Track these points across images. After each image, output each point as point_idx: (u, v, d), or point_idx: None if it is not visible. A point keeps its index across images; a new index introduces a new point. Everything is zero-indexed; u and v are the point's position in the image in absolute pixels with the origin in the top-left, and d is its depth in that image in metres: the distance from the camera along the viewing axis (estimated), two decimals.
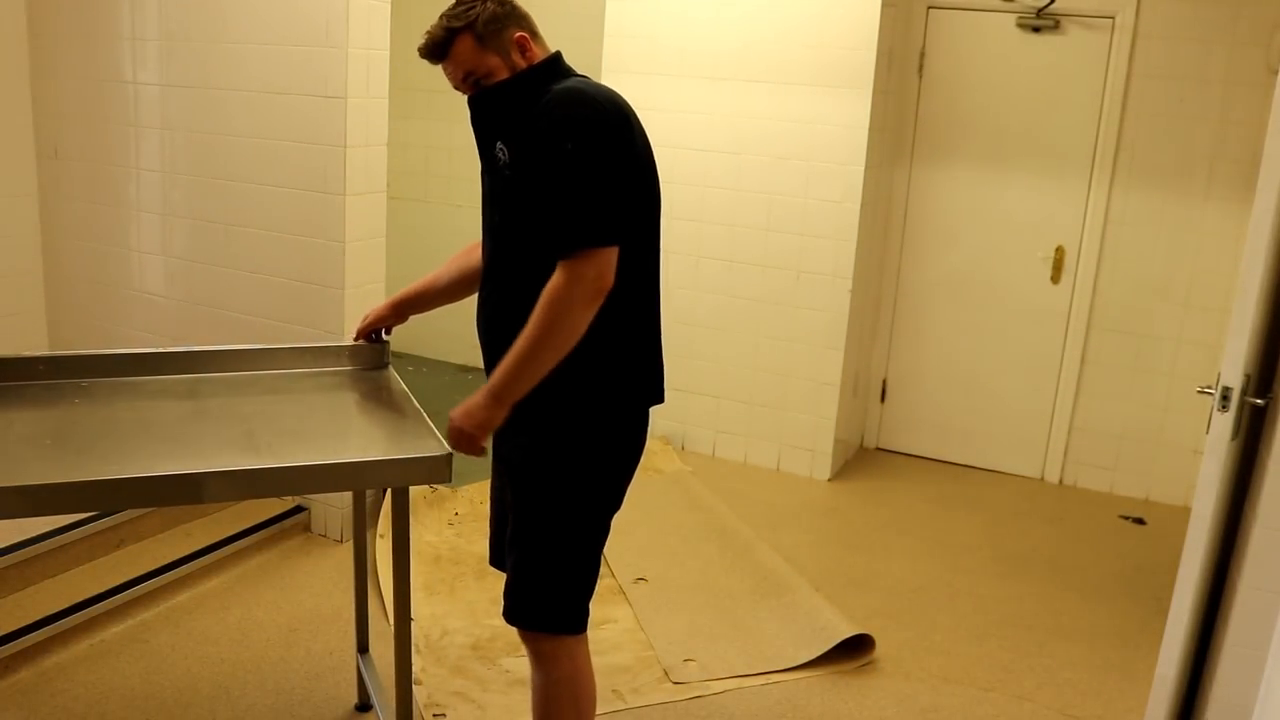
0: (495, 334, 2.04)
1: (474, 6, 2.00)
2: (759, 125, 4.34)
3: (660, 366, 2.12)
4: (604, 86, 1.98)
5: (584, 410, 2.00)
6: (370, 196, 3.40)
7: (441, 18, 2.02)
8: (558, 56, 2.05)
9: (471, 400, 1.95)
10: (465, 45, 1.99)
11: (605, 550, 3.74)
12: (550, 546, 2.05)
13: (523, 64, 2.00)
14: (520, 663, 2.93)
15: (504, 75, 2.00)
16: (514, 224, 2.00)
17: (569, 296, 1.85)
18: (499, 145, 1.99)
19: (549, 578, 2.07)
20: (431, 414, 2.18)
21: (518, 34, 2.00)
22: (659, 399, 2.12)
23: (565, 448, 2.01)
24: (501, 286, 2.04)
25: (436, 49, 2.02)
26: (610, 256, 1.86)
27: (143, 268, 3.79)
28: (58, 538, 3.06)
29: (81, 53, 3.77)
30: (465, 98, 2.07)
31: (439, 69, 2.06)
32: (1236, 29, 4.05)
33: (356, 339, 2.49)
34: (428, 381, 5.41)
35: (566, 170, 1.85)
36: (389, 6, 3.33)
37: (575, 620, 2.10)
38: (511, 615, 2.12)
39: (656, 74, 4.47)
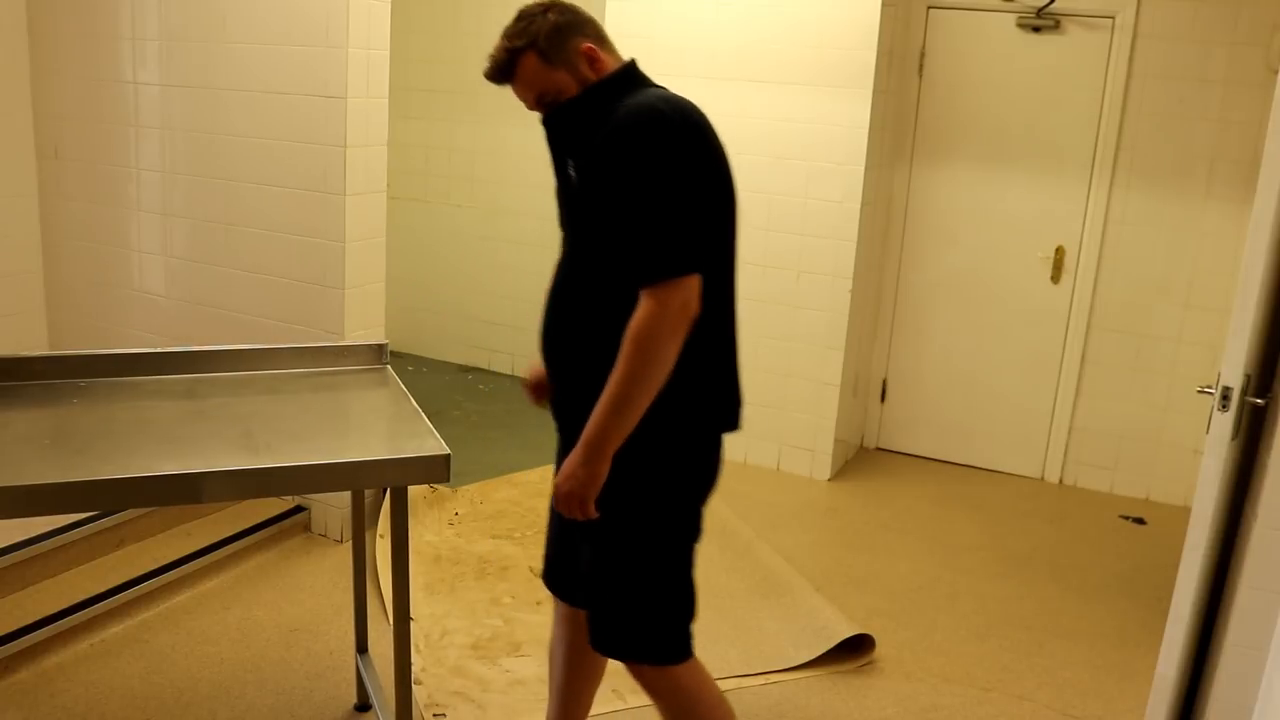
0: (556, 352, 1.98)
1: (534, 21, 1.89)
2: (759, 125, 4.34)
3: (737, 390, 2.00)
4: (678, 98, 1.87)
5: (657, 438, 1.88)
6: (370, 196, 3.40)
7: (502, 37, 1.92)
8: (630, 66, 1.95)
9: (569, 459, 1.85)
10: (530, 65, 1.89)
11: None
12: (632, 578, 1.97)
13: (592, 76, 1.91)
14: (520, 662, 2.93)
15: (574, 91, 1.90)
16: (584, 244, 1.92)
17: (656, 330, 1.75)
18: (570, 164, 1.90)
19: (635, 610, 1.99)
20: (431, 414, 2.18)
21: (584, 45, 1.91)
22: (735, 425, 2.00)
23: (637, 477, 1.90)
24: (568, 304, 1.95)
25: (501, 72, 1.92)
26: (694, 284, 1.77)
27: (143, 268, 3.79)
28: (58, 538, 3.06)
29: (81, 53, 3.77)
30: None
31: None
32: (1236, 29, 4.05)
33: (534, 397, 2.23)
34: (428, 381, 5.41)
35: (642, 194, 1.76)
36: (389, 6, 3.33)
37: (672, 649, 2.01)
38: (600, 645, 2.04)
39: (656, 74, 4.40)
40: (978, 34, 4.45)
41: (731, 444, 5.13)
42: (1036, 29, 4.35)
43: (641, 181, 1.76)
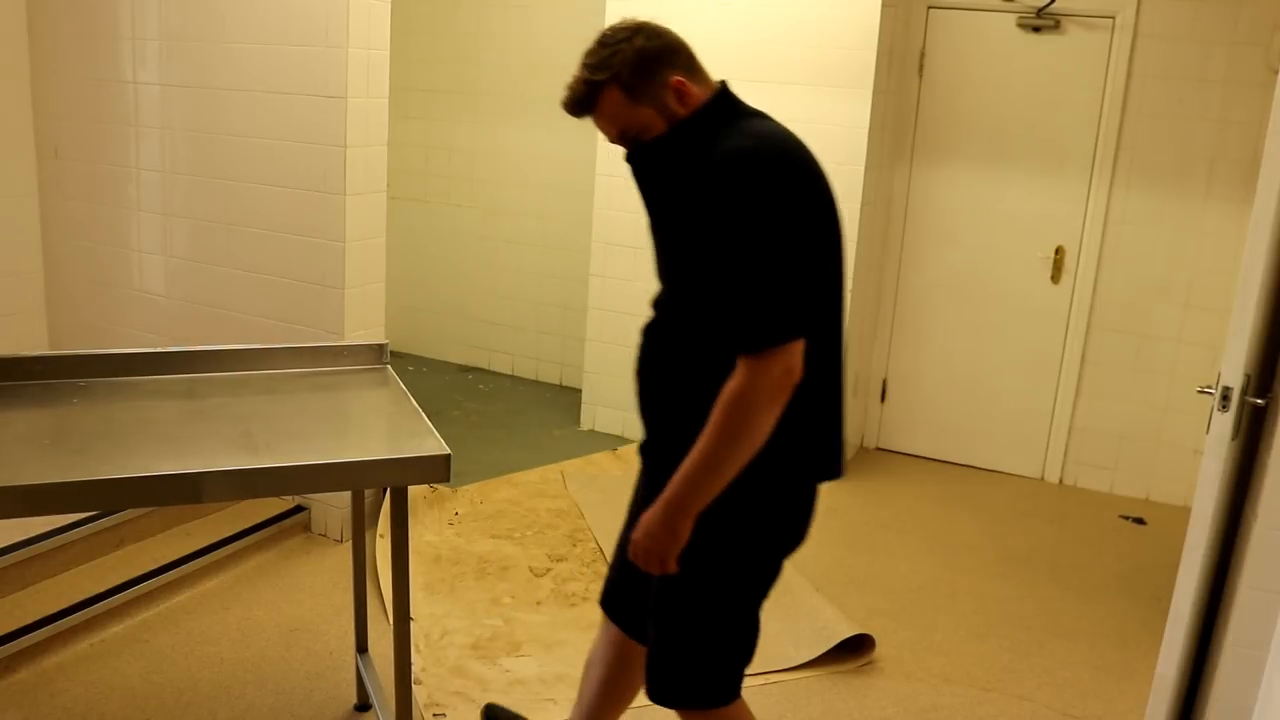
0: (646, 391, 1.89)
1: (617, 50, 1.72)
2: None
3: (840, 439, 1.88)
4: (776, 130, 1.73)
5: (749, 491, 1.75)
6: (370, 196, 3.40)
7: (582, 65, 1.76)
8: (722, 94, 1.79)
9: (650, 515, 1.75)
10: (612, 99, 1.73)
11: (605, 550, 3.75)
12: (700, 622, 1.87)
13: (682, 112, 1.74)
14: (520, 663, 2.93)
15: (661, 128, 1.74)
16: (680, 290, 1.81)
17: (753, 400, 1.63)
18: (662, 205, 1.78)
19: (699, 653, 1.89)
20: (431, 414, 2.18)
21: (673, 78, 1.73)
22: (836, 474, 1.89)
23: (726, 527, 1.79)
24: (662, 345, 1.85)
25: (579, 104, 1.77)
26: (798, 350, 1.63)
27: (143, 267, 3.79)
28: (58, 538, 3.06)
29: (81, 53, 3.77)
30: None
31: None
32: (1236, 29, 4.05)
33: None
34: (427, 381, 5.41)
35: (742, 255, 1.61)
36: (389, 6, 3.33)
37: (728, 691, 1.92)
38: (658, 694, 1.93)
39: None
40: (978, 34, 4.45)
41: None
42: (1036, 29, 4.35)
43: (741, 240, 1.61)
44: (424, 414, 2.17)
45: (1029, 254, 4.53)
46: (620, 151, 1.83)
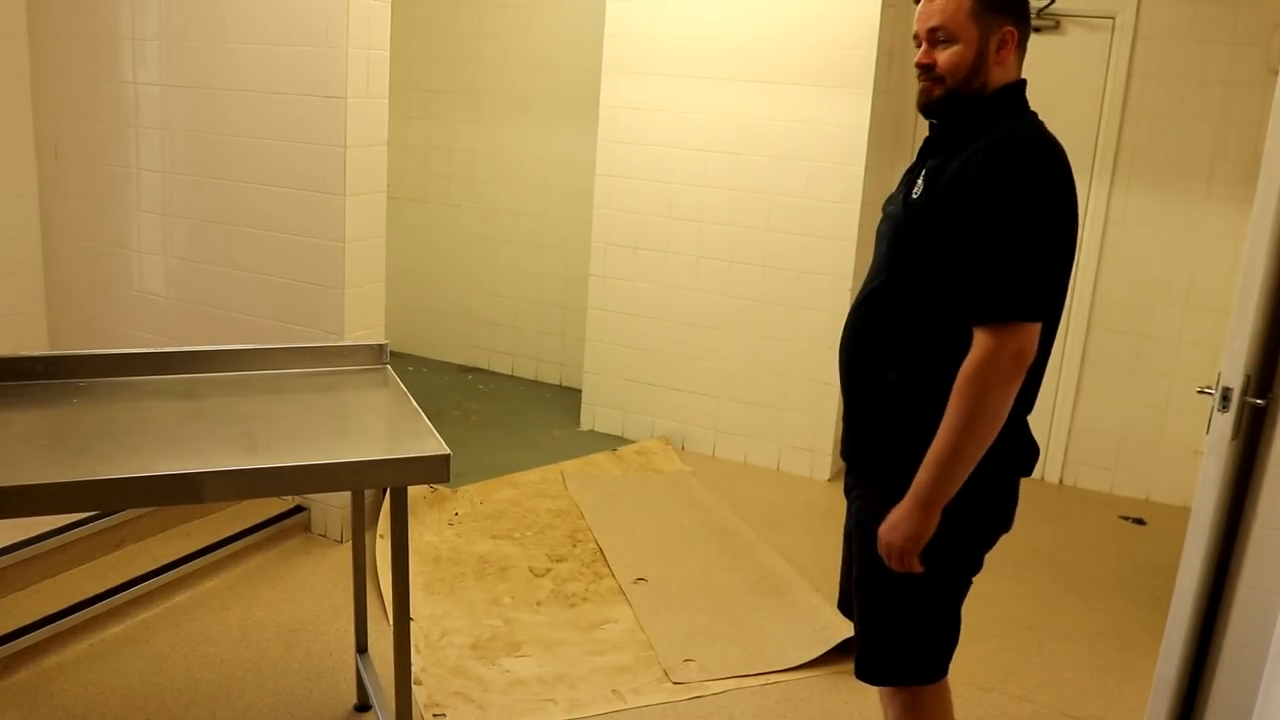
0: (854, 381, 1.90)
1: None
2: (759, 125, 4.34)
3: (1031, 438, 1.90)
4: (1051, 137, 1.78)
5: (964, 486, 1.76)
6: (370, 196, 3.40)
7: None
8: (1022, 86, 1.85)
9: (896, 511, 1.77)
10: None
11: (605, 551, 3.76)
12: (901, 608, 1.89)
13: (992, 66, 1.79)
14: (520, 663, 2.93)
15: (967, 63, 1.78)
16: (906, 268, 1.82)
17: (990, 374, 1.65)
18: (922, 174, 1.80)
19: (901, 636, 1.91)
20: (431, 414, 2.18)
21: (1007, 27, 1.79)
22: (1030, 470, 1.90)
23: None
24: (875, 331, 1.87)
25: None
26: (1035, 332, 1.68)
27: (142, 268, 3.79)
28: (58, 538, 3.06)
29: (81, 53, 3.77)
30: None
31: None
32: (1236, 29, 4.05)
33: None
34: (427, 381, 5.41)
35: (1010, 225, 1.66)
36: (389, 6, 3.33)
37: (931, 670, 1.93)
38: (864, 672, 1.97)
39: (656, 74, 4.47)
40: None
41: (732, 444, 5.12)
42: (1036, 29, 4.34)
43: (1013, 211, 1.67)
44: (424, 414, 2.17)
45: None
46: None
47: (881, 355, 1.84)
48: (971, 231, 1.69)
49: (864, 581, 1.93)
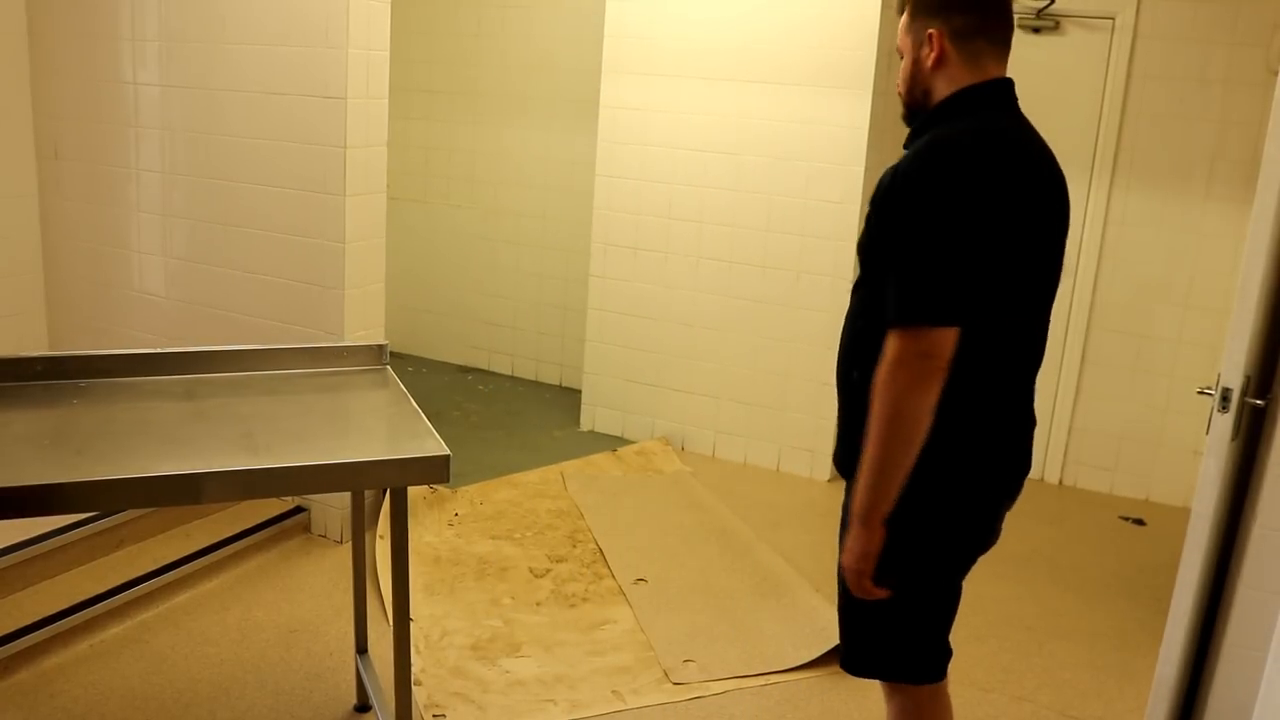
0: (840, 392, 1.90)
1: None
2: (759, 126, 4.34)
3: (1020, 457, 1.87)
4: (991, 137, 1.71)
5: (928, 503, 1.75)
6: (370, 197, 3.40)
7: None
8: (981, 88, 1.77)
9: (847, 535, 1.76)
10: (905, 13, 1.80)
11: (605, 551, 3.75)
12: (868, 608, 1.86)
13: (929, 72, 1.77)
14: (520, 663, 2.93)
15: (908, 74, 1.80)
16: (865, 272, 1.82)
17: (896, 378, 1.63)
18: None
19: (872, 632, 1.91)
20: (431, 415, 2.18)
21: (929, 29, 1.76)
22: (1014, 494, 1.88)
23: (904, 539, 1.77)
24: (850, 341, 1.87)
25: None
26: (944, 335, 1.62)
27: (142, 268, 3.79)
28: (58, 538, 3.06)
29: (81, 53, 3.77)
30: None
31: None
32: (1236, 29, 4.05)
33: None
34: (427, 381, 5.41)
35: (912, 233, 1.64)
36: (389, 6, 3.33)
37: (915, 670, 1.91)
38: (843, 662, 1.98)
39: (656, 74, 4.47)
40: None
41: (732, 444, 5.11)
42: (1036, 29, 4.35)
43: (919, 214, 1.65)
44: (424, 415, 2.17)
45: None
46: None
47: (851, 358, 1.85)
48: (887, 237, 1.70)
49: (839, 577, 1.93)
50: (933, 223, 1.64)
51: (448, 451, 1.97)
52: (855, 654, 1.96)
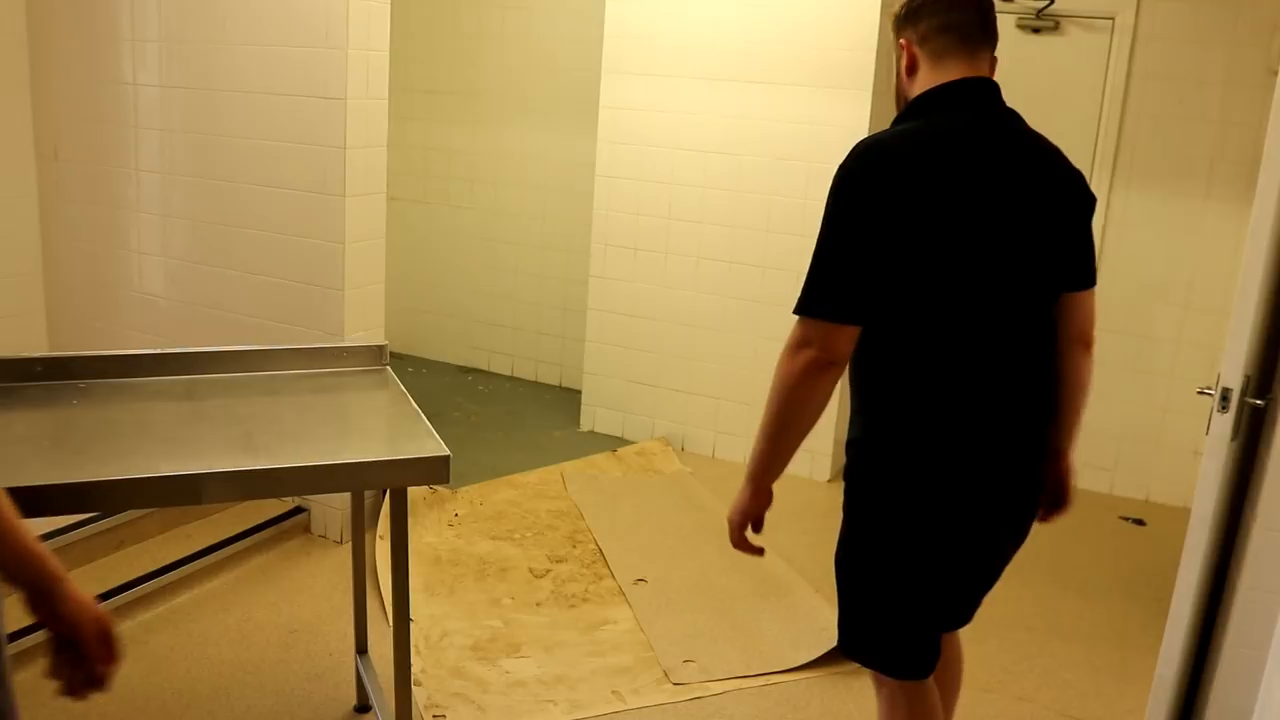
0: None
1: None
2: (759, 126, 4.34)
3: (1000, 466, 1.87)
4: (937, 135, 1.74)
5: (876, 487, 1.84)
6: (370, 198, 3.40)
7: None
8: (934, 92, 1.81)
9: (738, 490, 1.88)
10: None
11: (605, 552, 3.75)
12: (852, 589, 1.94)
13: (906, 83, 1.84)
14: (520, 664, 2.93)
15: (894, 87, 1.88)
16: None
17: (785, 366, 1.73)
18: None
19: (856, 611, 1.95)
20: (431, 415, 2.18)
21: (902, 38, 1.84)
22: (977, 501, 1.86)
23: (870, 495, 1.86)
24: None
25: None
26: (837, 333, 1.68)
27: (142, 269, 3.79)
28: (58, 538, 3.06)
29: (81, 54, 3.77)
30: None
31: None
32: (1236, 29, 4.05)
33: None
34: (427, 382, 5.41)
35: (822, 229, 1.73)
36: (389, 7, 3.33)
37: (897, 665, 1.93)
38: (839, 642, 2.03)
39: (656, 74, 4.47)
40: None
41: (732, 444, 5.10)
42: (1036, 29, 4.35)
43: (826, 215, 1.75)
44: (424, 415, 2.17)
45: None
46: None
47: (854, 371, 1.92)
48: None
49: (837, 563, 1.98)
50: (840, 222, 1.72)
51: (448, 452, 1.97)
52: (845, 636, 2.01)
